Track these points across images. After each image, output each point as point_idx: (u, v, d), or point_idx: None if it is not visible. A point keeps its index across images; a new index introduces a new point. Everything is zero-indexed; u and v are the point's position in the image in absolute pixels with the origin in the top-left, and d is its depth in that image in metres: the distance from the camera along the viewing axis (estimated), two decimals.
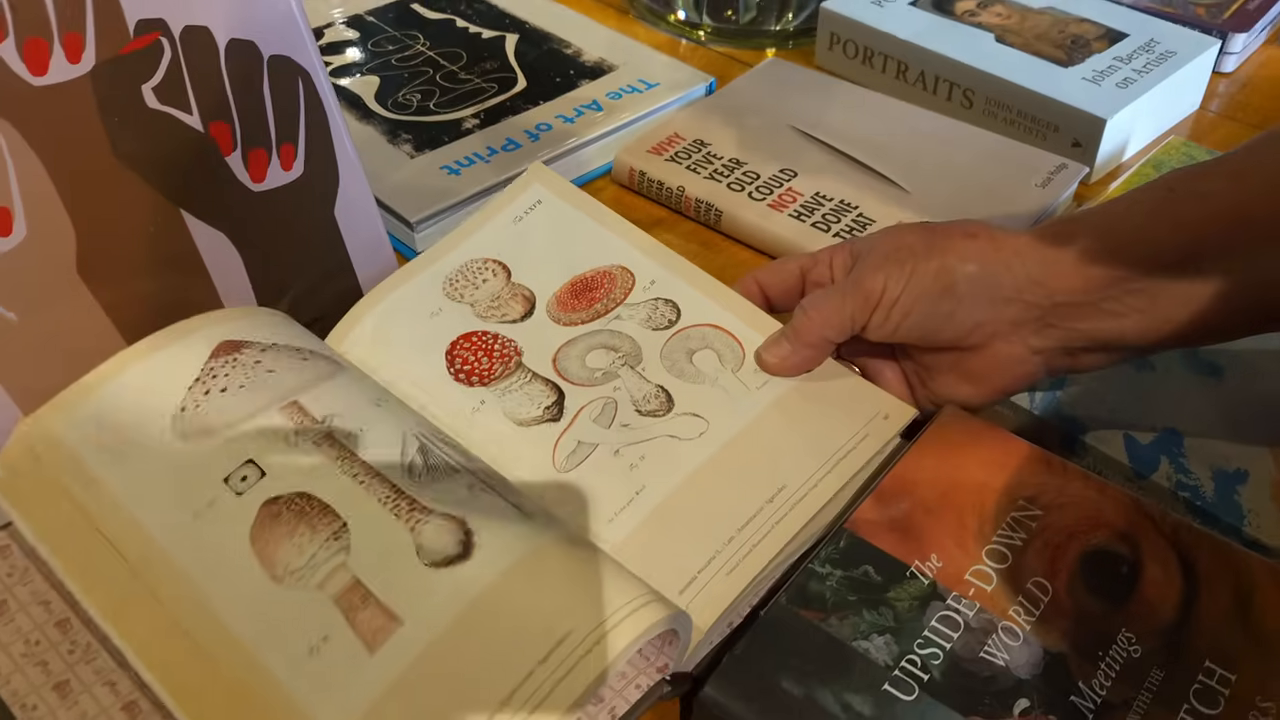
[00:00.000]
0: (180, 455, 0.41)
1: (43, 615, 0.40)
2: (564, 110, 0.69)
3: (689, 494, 0.45)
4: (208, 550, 0.38)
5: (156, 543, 0.39)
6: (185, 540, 0.38)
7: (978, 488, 0.44)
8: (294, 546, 0.38)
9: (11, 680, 0.38)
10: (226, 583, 0.38)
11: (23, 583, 0.42)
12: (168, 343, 0.44)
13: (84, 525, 0.40)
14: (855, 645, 0.39)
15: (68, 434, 0.42)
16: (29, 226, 0.45)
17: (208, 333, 0.45)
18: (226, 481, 0.40)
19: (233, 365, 0.44)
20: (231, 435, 0.41)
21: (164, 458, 0.41)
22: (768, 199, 0.63)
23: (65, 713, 0.37)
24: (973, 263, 0.46)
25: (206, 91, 0.49)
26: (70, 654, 0.39)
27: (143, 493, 0.40)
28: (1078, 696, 0.38)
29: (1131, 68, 0.69)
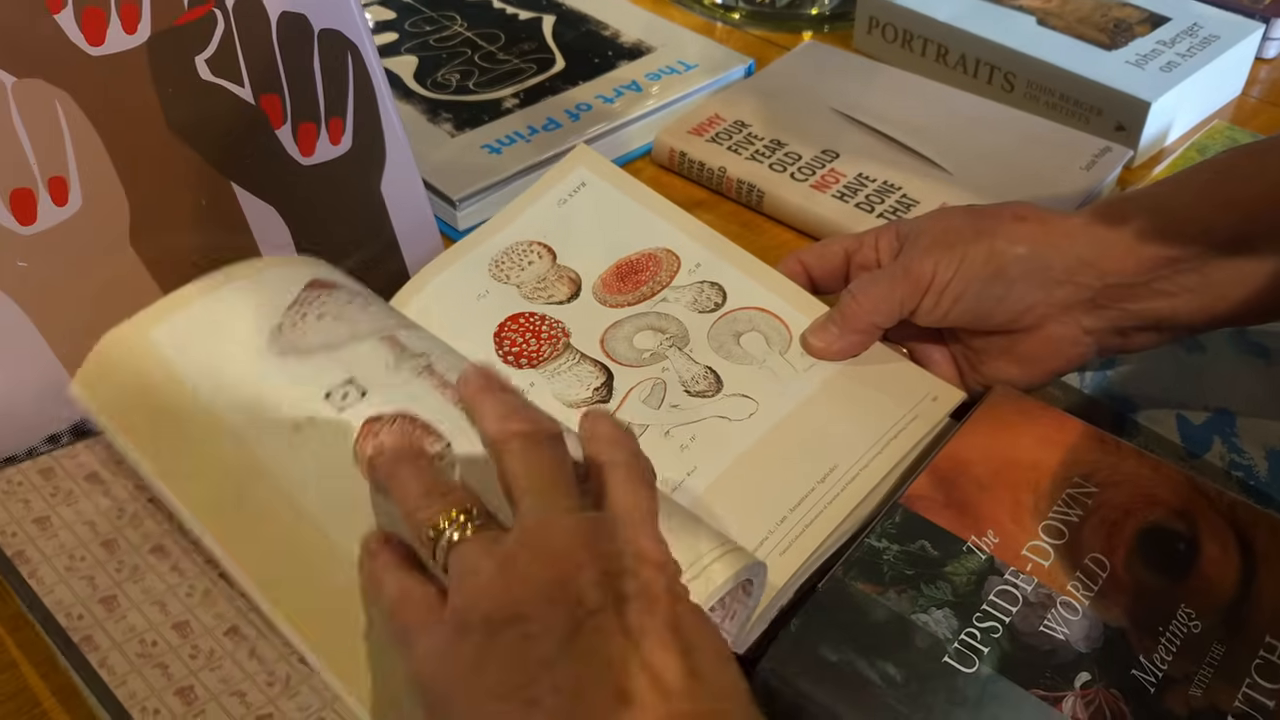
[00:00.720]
0: (278, 369, 0.39)
1: (88, 534, 0.40)
2: (604, 90, 0.69)
3: (740, 474, 0.44)
4: (308, 465, 0.37)
5: (256, 456, 0.37)
6: (285, 453, 0.37)
7: (1032, 465, 0.44)
8: None
9: (55, 590, 0.38)
10: (329, 496, 0.36)
11: (67, 503, 0.41)
12: (261, 270, 0.43)
13: (180, 437, 0.38)
14: (915, 618, 0.39)
15: (160, 342, 0.40)
16: (84, 196, 0.45)
17: (300, 268, 0.44)
18: (327, 398, 0.38)
19: (327, 299, 0.42)
20: (331, 355, 0.39)
21: (261, 371, 0.39)
22: (810, 180, 0.63)
23: (112, 625, 0.37)
24: (1023, 245, 0.45)
25: (258, 64, 0.49)
26: (118, 572, 0.39)
27: (239, 403, 0.38)
28: (1139, 670, 0.37)
29: (1175, 51, 0.68)
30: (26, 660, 0.42)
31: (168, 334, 0.40)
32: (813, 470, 0.44)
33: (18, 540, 0.40)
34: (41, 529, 0.40)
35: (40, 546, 0.40)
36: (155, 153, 0.47)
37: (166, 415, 0.39)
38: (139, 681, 0.35)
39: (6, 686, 0.41)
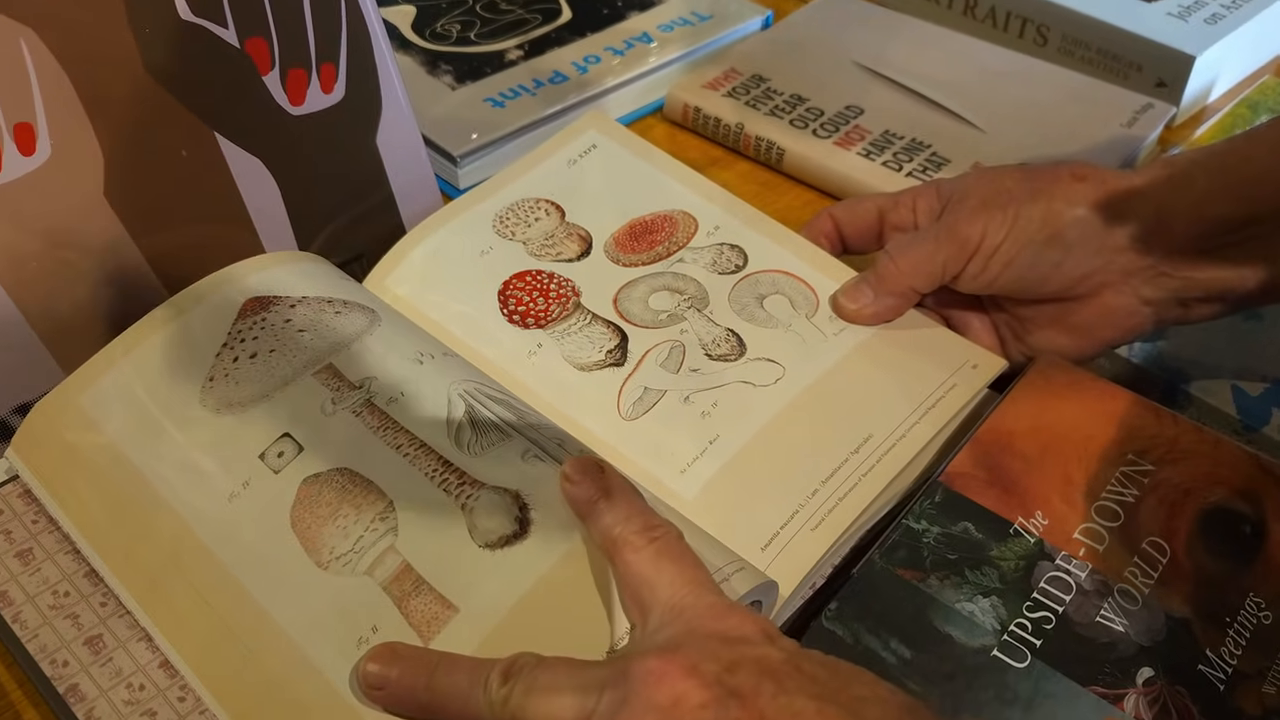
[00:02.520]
0: (212, 431, 0.38)
1: (71, 565, 0.37)
2: (613, 43, 0.65)
3: (767, 444, 0.41)
4: (246, 536, 0.35)
5: (191, 528, 0.36)
6: (222, 525, 0.36)
7: (1082, 440, 0.41)
8: (338, 529, 0.35)
9: (40, 634, 0.35)
10: (267, 570, 0.35)
11: (49, 530, 0.38)
12: (192, 304, 0.41)
13: (114, 509, 0.37)
14: (959, 607, 0.36)
15: (89, 409, 0.39)
16: (53, 145, 0.42)
17: (234, 289, 0.42)
18: (262, 458, 0.37)
19: (261, 327, 0.40)
20: (264, 407, 0.38)
21: (194, 435, 0.38)
22: (833, 136, 0.59)
23: (98, 670, 0.34)
24: (1082, 206, 0.42)
25: (244, 4, 0.45)
26: (103, 607, 0.36)
27: (174, 474, 0.37)
28: (1206, 666, 0.34)
29: (1220, 3, 0.64)
30: None
31: (95, 400, 0.39)
32: (846, 440, 0.41)
33: (0, 579, 0.37)
34: (24, 564, 0.37)
35: (23, 584, 0.37)
36: (131, 98, 0.43)
37: (99, 485, 0.37)
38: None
39: None
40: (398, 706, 0.32)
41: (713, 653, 0.28)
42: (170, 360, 0.40)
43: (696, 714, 0.27)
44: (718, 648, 0.29)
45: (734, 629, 0.30)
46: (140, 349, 0.40)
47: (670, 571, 0.32)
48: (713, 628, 0.30)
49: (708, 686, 0.27)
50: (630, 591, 0.32)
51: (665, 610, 0.31)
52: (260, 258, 0.44)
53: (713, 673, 0.28)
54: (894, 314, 0.46)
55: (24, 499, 0.39)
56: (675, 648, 0.29)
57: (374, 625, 0.33)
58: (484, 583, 0.34)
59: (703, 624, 0.30)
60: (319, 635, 0.33)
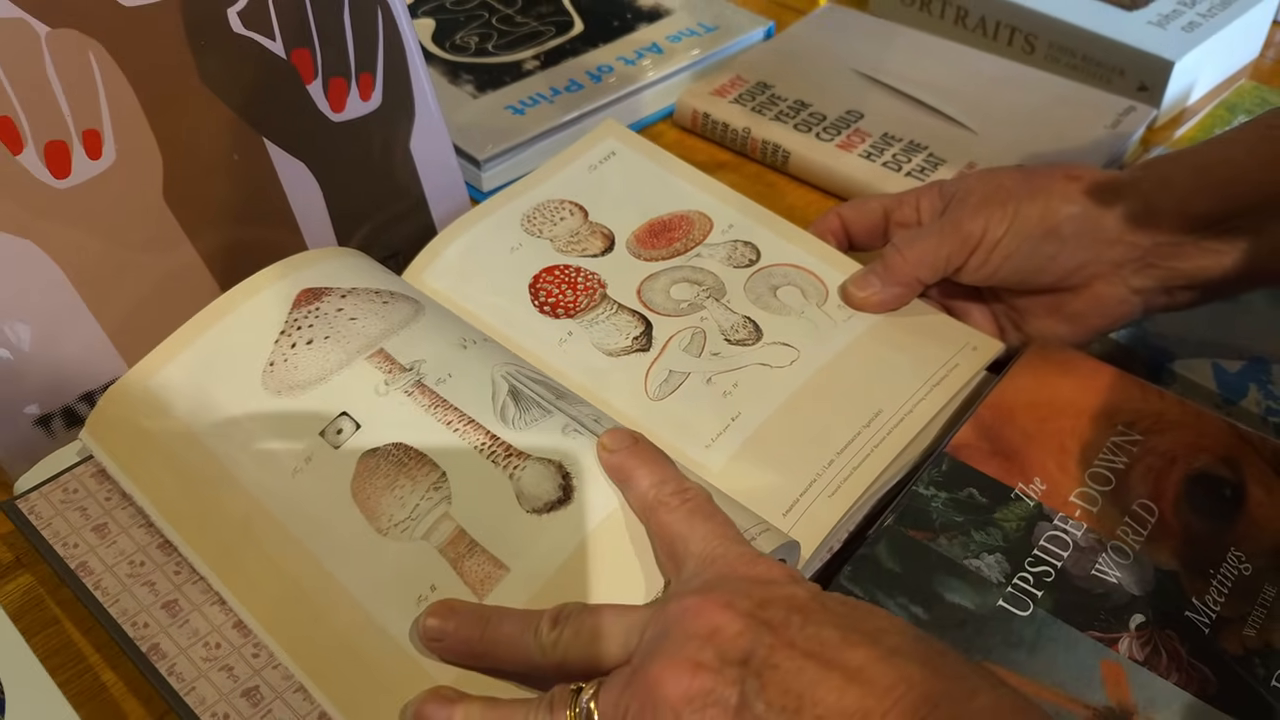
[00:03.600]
0: (274, 411, 0.41)
1: (144, 537, 0.40)
2: (624, 53, 0.68)
3: (785, 420, 0.44)
4: (310, 507, 0.38)
5: (259, 502, 0.39)
6: (288, 498, 0.39)
7: (1075, 413, 0.44)
8: (395, 499, 0.38)
9: (120, 599, 0.38)
10: (332, 538, 0.38)
11: (122, 506, 0.41)
12: (248, 296, 0.44)
13: (185, 485, 0.40)
14: (967, 563, 0.39)
15: (160, 391, 0.42)
16: (118, 150, 0.45)
17: (289, 281, 0.45)
18: (322, 435, 0.40)
19: (315, 316, 0.44)
20: (322, 389, 0.41)
21: (257, 416, 0.41)
22: (836, 139, 0.62)
23: (176, 630, 0.37)
24: (1076, 204, 0.45)
25: (290, 18, 0.48)
26: (176, 575, 0.39)
27: (241, 453, 0.40)
28: (1192, 612, 0.38)
29: (1196, 12, 0.68)
30: (69, 617, 0.41)
31: (163, 385, 0.42)
32: (857, 415, 0.44)
33: (80, 551, 0.40)
34: (101, 537, 0.40)
35: (101, 555, 0.40)
36: (188, 106, 0.46)
37: (171, 463, 0.40)
38: (207, 686, 0.36)
39: (49, 642, 0.41)
40: (455, 656, 0.35)
41: (745, 591, 0.32)
42: (231, 348, 0.43)
43: (734, 641, 0.30)
44: (750, 587, 0.32)
45: (763, 573, 0.33)
46: (202, 338, 0.43)
47: (702, 528, 0.35)
48: (744, 572, 0.33)
49: (742, 618, 0.31)
50: (665, 547, 0.36)
51: (699, 560, 0.34)
52: (310, 253, 0.47)
53: (746, 607, 0.31)
54: (900, 303, 0.49)
55: (97, 478, 0.42)
56: (711, 588, 0.32)
57: (432, 585, 0.36)
58: (532, 545, 0.37)
59: (734, 569, 0.33)
60: (382, 595, 0.36)
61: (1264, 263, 0.44)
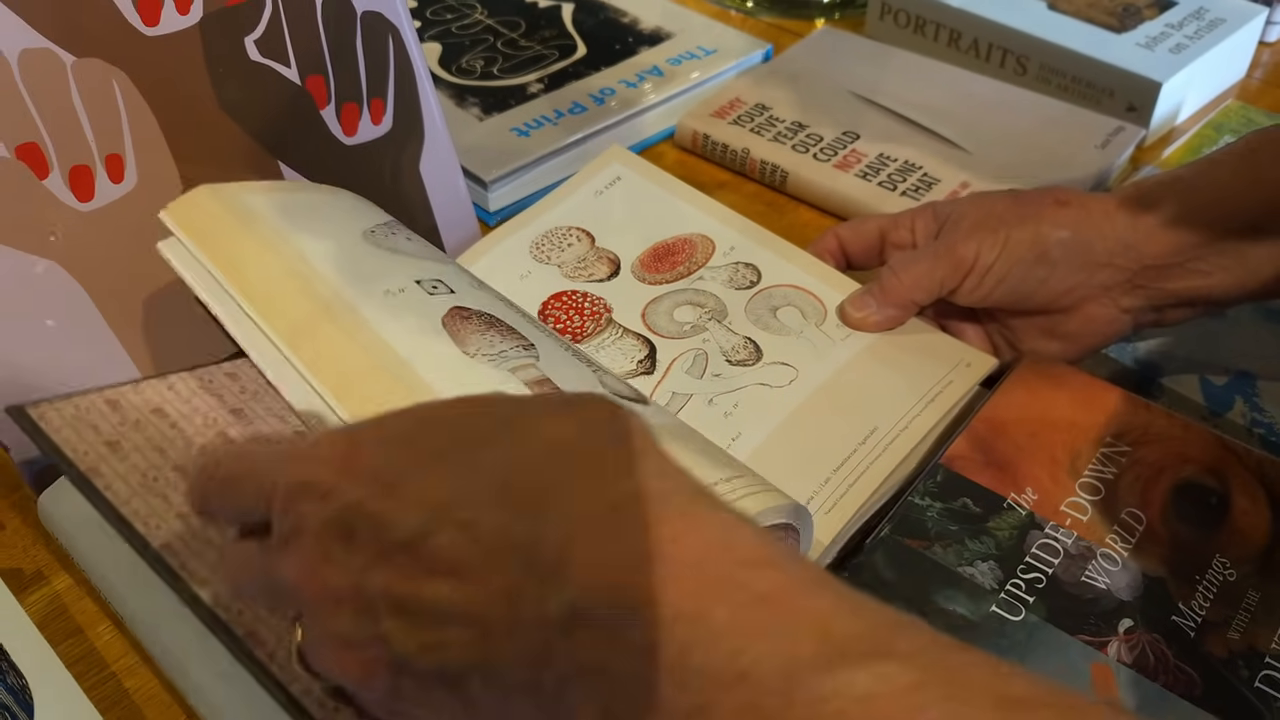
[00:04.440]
0: (372, 254, 0.41)
1: (158, 459, 0.39)
2: (626, 76, 0.70)
3: (783, 438, 0.46)
4: (398, 318, 0.38)
5: (350, 299, 0.39)
6: (377, 306, 0.39)
7: (1066, 426, 0.46)
8: (486, 340, 0.39)
9: (131, 502, 0.37)
10: (416, 342, 0.38)
11: (137, 430, 0.40)
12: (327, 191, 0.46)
13: (263, 262, 0.40)
14: (961, 570, 0.40)
15: (254, 202, 0.42)
16: (140, 174, 0.46)
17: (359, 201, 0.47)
18: (419, 284, 0.41)
19: (397, 228, 0.46)
20: (422, 260, 0.42)
21: (356, 246, 0.41)
22: (833, 160, 0.64)
23: (192, 539, 0.37)
24: (1066, 229, 0.47)
25: (304, 45, 0.50)
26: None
27: (339, 260, 0.40)
28: (1179, 616, 0.39)
29: (1183, 34, 0.70)
30: (93, 625, 0.43)
31: (264, 199, 0.43)
32: (854, 432, 0.46)
33: (90, 458, 0.39)
34: (113, 451, 0.39)
35: (113, 465, 0.39)
36: (206, 131, 0.48)
37: (254, 246, 0.40)
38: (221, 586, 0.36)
39: (74, 650, 0.42)
40: None
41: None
42: (337, 202, 0.45)
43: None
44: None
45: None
46: (308, 189, 0.45)
47: None
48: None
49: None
50: None
51: None
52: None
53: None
54: (895, 323, 0.50)
55: (109, 404, 0.41)
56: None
57: None
58: None
59: None
60: (460, 387, 0.37)
61: (1248, 281, 0.45)
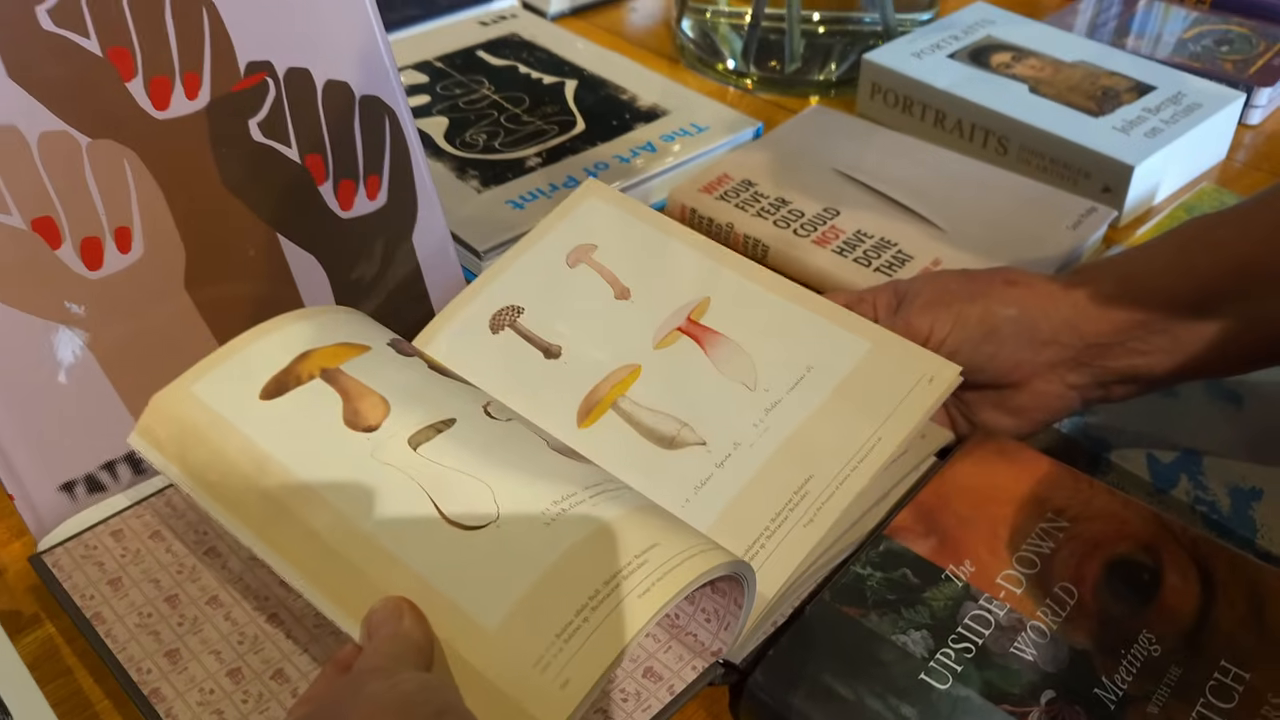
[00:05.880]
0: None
1: (153, 591, 0.45)
2: (621, 151, 0.74)
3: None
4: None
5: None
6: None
7: (1009, 500, 0.48)
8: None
9: (128, 647, 0.43)
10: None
11: (135, 563, 0.46)
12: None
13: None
14: (894, 639, 0.42)
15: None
16: (145, 245, 0.50)
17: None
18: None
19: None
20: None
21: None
22: (811, 235, 0.67)
23: (176, 677, 0.41)
24: (1013, 307, 0.49)
25: (305, 127, 0.54)
26: (179, 626, 0.43)
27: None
28: (1101, 689, 0.40)
29: (1159, 118, 0.72)
30: (82, 667, 0.46)
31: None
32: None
33: (95, 603, 0.45)
34: (115, 590, 0.45)
35: (114, 606, 0.44)
36: (210, 207, 0.52)
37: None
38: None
39: (60, 691, 0.45)
40: None
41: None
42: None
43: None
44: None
45: None
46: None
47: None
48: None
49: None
50: None
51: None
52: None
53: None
54: None
55: (114, 536, 0.47)
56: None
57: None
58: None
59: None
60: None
61: (1183, 361, 0.47)
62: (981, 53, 0.81)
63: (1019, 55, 0.80)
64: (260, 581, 0.46)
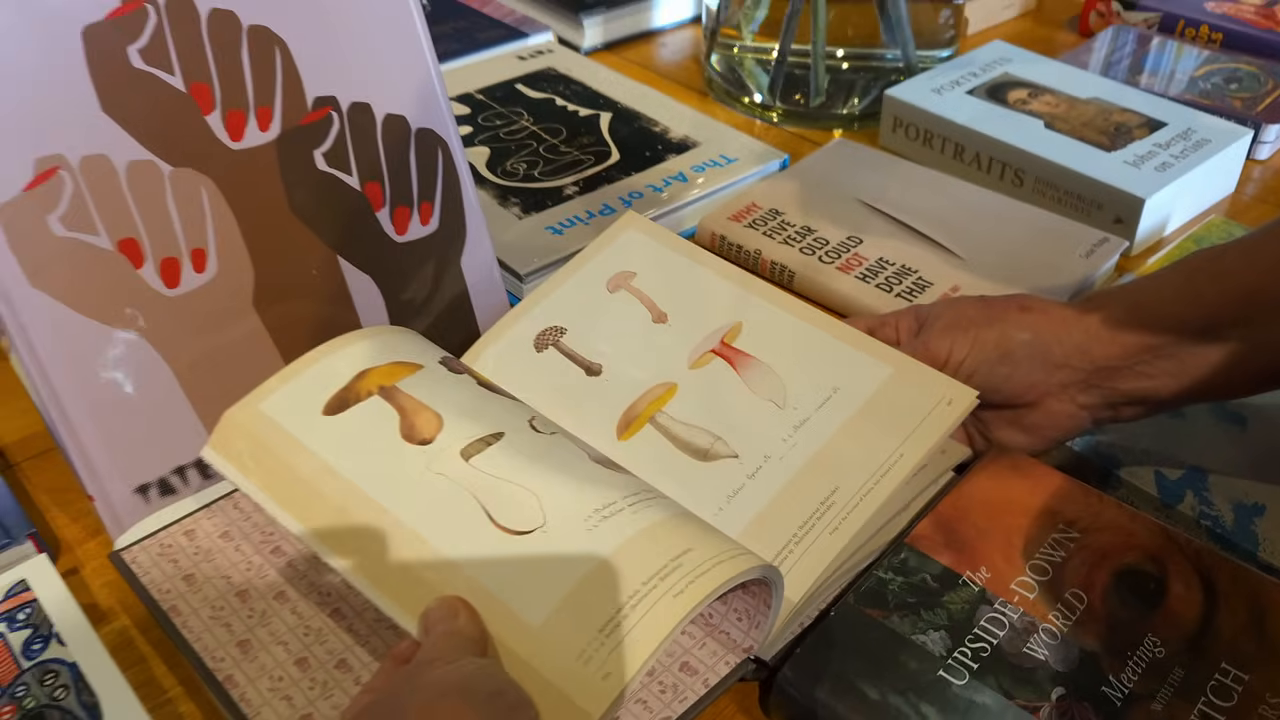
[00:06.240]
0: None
1: (224, 586, 0.48)
2: (654, 180, 0.77)
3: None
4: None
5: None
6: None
7: (1023, 511, 0.51)
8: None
9: (203, 638, 0.46)
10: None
11: (207, 560, 0.49)
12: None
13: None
14: (914, 639, 0.45)
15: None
16: (219, 266, 0.54)
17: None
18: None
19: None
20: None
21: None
22: (836, 262, 0.70)
23: (247, 665, 0.45)
24: (1028, 332, 0.52)
25: (365, 157, 0.58)
26: (249, 618, 0.47)
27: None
28: (1108, 687, 0.43)
29: (1170, 153, 0.75)
30: (156, 656, 0.49)
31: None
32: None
33: (171, 596, 0.48)
34: (189, 584, 0.49)
35: (189, 600, 0.48)
36: (278, 230, 0.55)
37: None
38: (270, 713, 0.43)
39: (137, 677, 0.48)
40: None
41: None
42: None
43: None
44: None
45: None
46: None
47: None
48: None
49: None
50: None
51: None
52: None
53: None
54: None
55: (187, 535, 0.51)
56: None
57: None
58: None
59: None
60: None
61: (1187, 384, 0.50)
62: (999, 89, 0.84)
63: (1035, 92, 0.84)
64: (323, 579, 0.49)
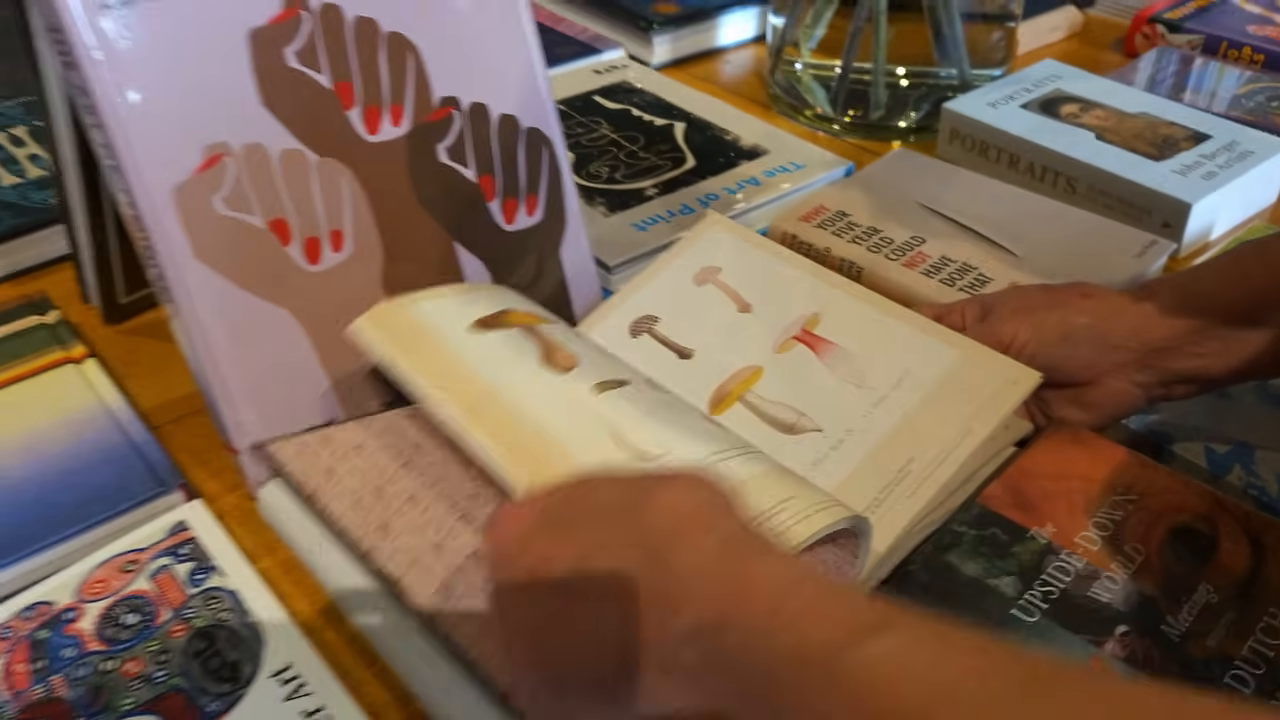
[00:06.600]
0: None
1: (361, 483, 0.53)
2: (728, 184, 0.83)
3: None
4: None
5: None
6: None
7: (1085, 478, 0.55)
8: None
9: (343, 518, 0.52)
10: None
11: (343, 461, 0.55)
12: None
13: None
14: (989, 582, 0.50)
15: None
16: (354, 247, 0.60)
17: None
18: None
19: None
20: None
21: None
22: (901, 259, 0.75)
23: (388, 545, 0.50)
24: (1087, 316, 0.58)
25: (480, 152, 0.64)
26: (385, 511, 0.52)
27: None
28: (1166, 626, 0.48)
29: (1215, 163, 0.80)
30: (298, 594, 0.55)
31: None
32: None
33: (311, 484, 0.54)
34: (328, 479, 0.54)
35: (329, 489, 0.53)
36: (405, 217, 0.61)
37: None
38: (414, 578, 0.49)
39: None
40: None
41: None
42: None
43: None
44: None
45: None
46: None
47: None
48: None
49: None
50: None
51: None
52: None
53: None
54: None
55: (322, 441, 0.56)
56: None
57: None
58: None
59: None
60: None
61: (1235, 363, 0.55)
62: (1051, 104, 0.90)
63: (1086, 106, 0.89)
64: (453, 486, 0.54)
